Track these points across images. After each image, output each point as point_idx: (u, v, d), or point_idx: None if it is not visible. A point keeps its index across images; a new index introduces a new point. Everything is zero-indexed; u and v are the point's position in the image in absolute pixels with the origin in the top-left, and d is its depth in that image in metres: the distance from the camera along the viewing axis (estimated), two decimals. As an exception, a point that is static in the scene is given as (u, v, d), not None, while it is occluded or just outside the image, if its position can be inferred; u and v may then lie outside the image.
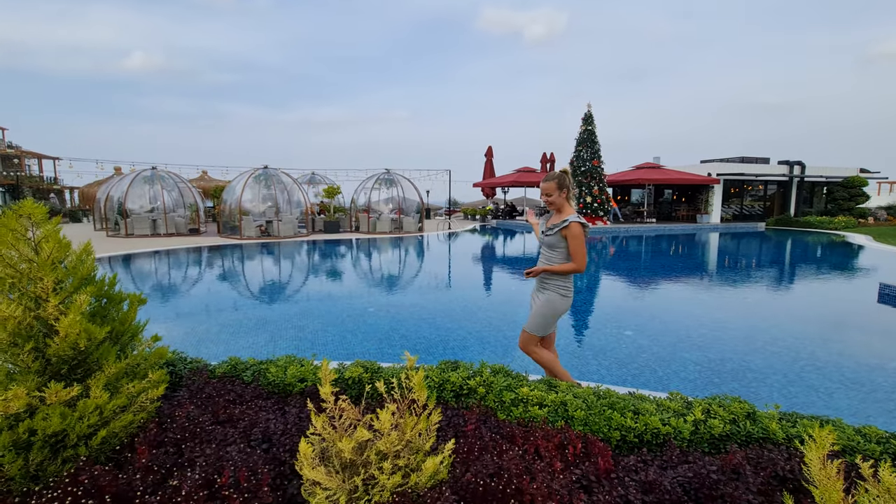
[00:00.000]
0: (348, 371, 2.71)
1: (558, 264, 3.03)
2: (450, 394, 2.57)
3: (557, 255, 3.06)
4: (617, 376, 4.53)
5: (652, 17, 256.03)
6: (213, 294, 8.54)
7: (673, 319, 6.77)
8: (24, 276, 1.93)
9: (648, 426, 2.19)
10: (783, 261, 13.88)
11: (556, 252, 3.06)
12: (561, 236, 3.00)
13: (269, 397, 2.63)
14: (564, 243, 3.01)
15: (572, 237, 2.97)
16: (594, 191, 22.11)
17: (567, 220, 2.98)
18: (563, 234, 2.99)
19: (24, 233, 1.93)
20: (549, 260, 3.09)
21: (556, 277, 3.07)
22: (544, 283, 3.12)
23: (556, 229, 3.02)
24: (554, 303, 3.06)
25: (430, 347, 5.30)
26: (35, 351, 1.92)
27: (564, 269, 3.00)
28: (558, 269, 3.01)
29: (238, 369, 2.91)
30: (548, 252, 3.11)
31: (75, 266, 2.04)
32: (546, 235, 3.10)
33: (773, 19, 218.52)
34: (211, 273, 11.22)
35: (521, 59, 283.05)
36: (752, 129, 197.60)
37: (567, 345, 5.40)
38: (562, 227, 2.99)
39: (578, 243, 2.96)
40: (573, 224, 2.97)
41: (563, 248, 3.03)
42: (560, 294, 3.05)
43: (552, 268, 3.03)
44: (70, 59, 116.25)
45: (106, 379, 2.03)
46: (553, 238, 3.04)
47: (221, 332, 5.83)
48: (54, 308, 1.91)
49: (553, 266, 3.03)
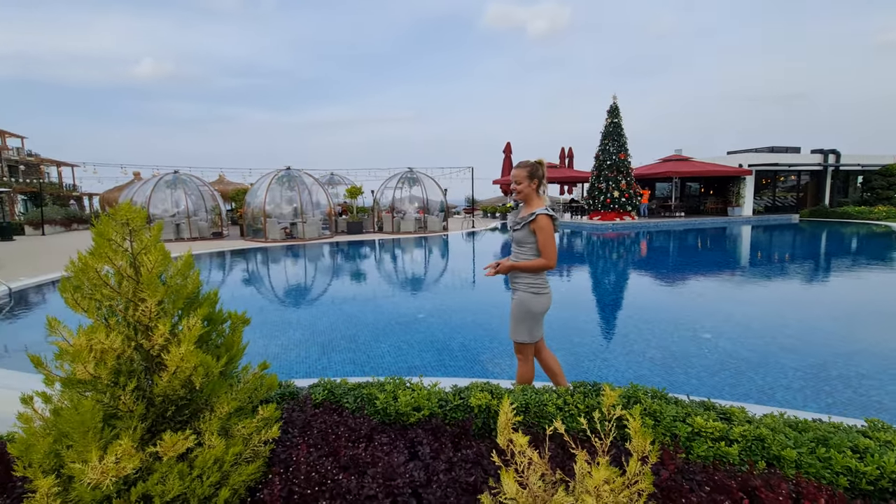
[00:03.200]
0: (474, 397, 2.29)
1: (526, 261, 2.82)
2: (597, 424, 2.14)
3: (527, 251, 2.85)
4: (711, 386, 4.11)
5: (658, 9, 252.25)
6: (253, 302, 8.20)
7: (751, 320, 6.27)
8: (122, 296, 1.54)
9: (885, 469, 1.74)
10: (840, 253, 13.21)
11: (525, 248, 2.85)
12: (529, 230, 2.80)
13: (383, 431, 2.22)
14: (533, 238, 2.81)
15: (540, 230, 2.76)
16: (621, 185, 21.47)
17: (535, 212, 2.78)
18: (532, 229, 2.79)
19: (121, 243, 1.54)
20: (517, 256, 2.88)
21: (526, 276, 2.85)
22: (514, 283, 2.90)
23: (523, 223, 2.82)
24: (527, 303, 2.83)
25: (496, 358, 4.88)
26: (137, 390, 1.54)
27: (532, 265, 2.78)
28: (525, 266, 2.79)
29: (336, 394, 2.51)
30: (517, 248, 2.90)
31: (180, 283, 1.64)
32: (514, 230, 2.90)
33: (775, 9, 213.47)
34: (244, 279, 10.92)
35: (527, 55, 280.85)
36: (767, 120, 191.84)
37: (644, 351, 4.96)
38: (529, 221, 2.79)
39: (547, 236, 2.77)
40: (540, 217, 2.76)
41: (533, 244, 2.82)
42: (532, 293, 2.84)
43: (519, 264, 2.80)
44: (82, 68, 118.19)
45: (220, 422, 1.64)
46: (521, 233, 2.84)
47: (269, 345, 5.46)
48: (161, 337, 1.52)
49: (519, 263, 2.81)
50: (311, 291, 8.93)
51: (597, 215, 22.13)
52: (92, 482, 1.27)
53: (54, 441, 1.41)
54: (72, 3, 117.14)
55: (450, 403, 2.35)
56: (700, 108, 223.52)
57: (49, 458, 1.40)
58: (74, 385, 1.44)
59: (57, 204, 30.25)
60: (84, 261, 1.45)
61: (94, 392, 1.47)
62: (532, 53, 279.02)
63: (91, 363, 1.40)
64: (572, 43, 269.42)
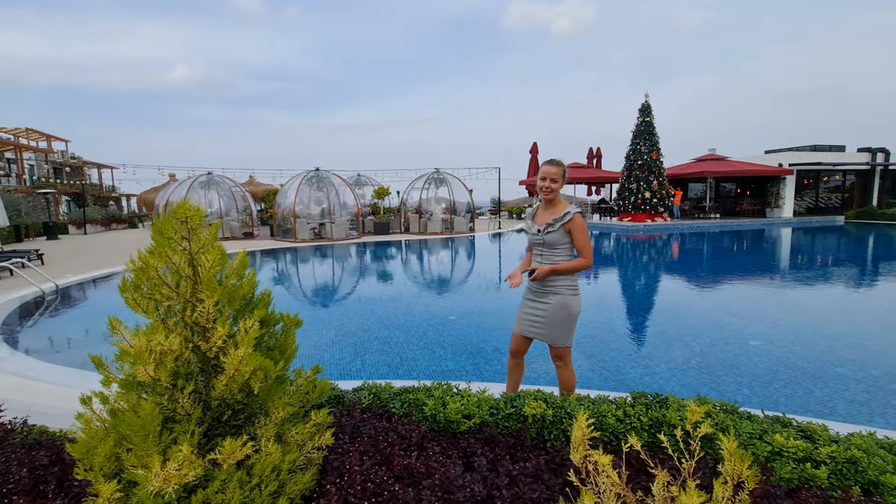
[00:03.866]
0: (528, 406, 2.18)
1: (565, 262, 2.73)
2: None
3: (561, 253, 2.76)
4: (765, 398, 3.92)
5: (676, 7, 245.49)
6: (286, 301, 8.29)
7: (802, 327, 5.93)
8: (180, 297, 1.50)
9: None
10: (893, 257, 12.46)
11: (560, 249, 2.76)
12: (564, 231, 2.72)
13: (434, 439, 2.14)
14: (568, 238, 2.74)
15: (577, 230, 2.70)
16: (653, 185, 20.89)
17: (569, 211, 2.71)
18: (567, 229, 2.71)
19: (180, 241, 1.50)
20: (550, 259, 2.79)
21: (565, 277, 2.78)
22: (551, 286, 2.79)
23: (558, 224, 2.72)
24: (570, 304, 2.77)
25: (532, 362, 4.73)
26: (195, 393, 1.49)
27: (574, 266, 2.72)
28: (570, 268, 2.71)
29: (382, 398, 2.44)
30: (548, 251, 2.79)
31: (236, 284, 1.60)
32: (546, 234, 2.77)
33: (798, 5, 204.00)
34: (276, 278, 11.08)
35: (552, 54, 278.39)
36: (800, 118, 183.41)
37: (688, 358, 4.75)
38: (565, 221, 2.70)
39: (584, 236, 2.72)
40: (577, 216, 2.71)
41: (568, 244, 2.75)
42: (572, 293, 2.79)
43: (559, 267, 2.71)
44: (119, 74, 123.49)
45: (275, 427, 1.59)
46: (556, 235, 2.74)
47: (303, 346, 5.47)
48: (220, 339, 1.47)
49: (560, 266, 2.72)
50: (342, 292, 8.97)
51: (627, 216, 21.59)
52: (155, 489, 1.22)
53: (114, 444, 1.38)
54: (109, 13, 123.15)
55: (501, 412, 2.24)
56: (727, 106, 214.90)
57: (109, 462, 1.37)
58: (134, 387, 1.41)
59: (97, 204, 31.59)
60: (145, 260, 1.42)
61: (153, 394, 1.44)
62: (557, 53, 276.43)
63: (151, 365, 1.36)
64: (598, 41, 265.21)
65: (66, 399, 3.64)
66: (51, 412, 3.21)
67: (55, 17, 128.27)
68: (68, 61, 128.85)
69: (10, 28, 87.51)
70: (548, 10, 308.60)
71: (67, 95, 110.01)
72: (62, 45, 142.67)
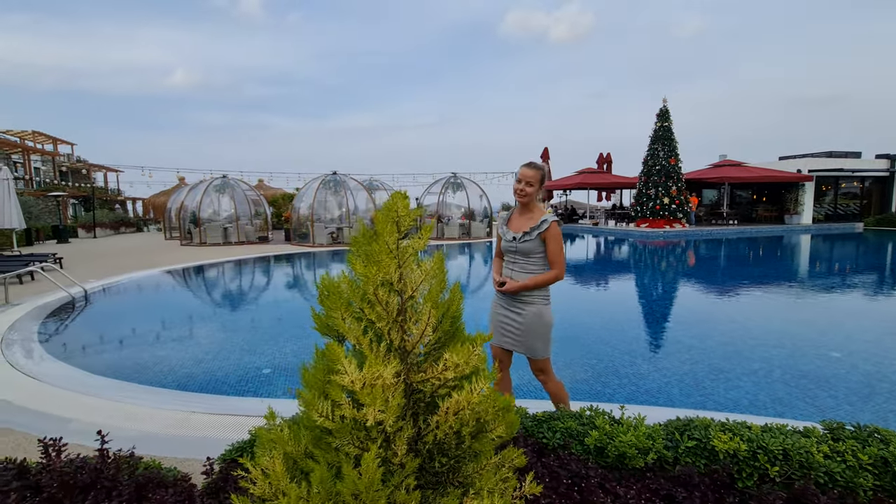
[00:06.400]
0: (717, 440, 1.87)
1: (539, 274, 2.64)
2: (797, 473, 1.70)
3: (535, 262, 2.66)
4: (871, 412, 3.67)
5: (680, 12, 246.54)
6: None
7: (881, 336, 5.65)
8: (389, 317, 1.21)
9: None
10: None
11: (534, 258, 2.66)
12: (540, 240, 2.62)
13: (614, 479, 1.83)
14: (543, 247, 2.64)
15: (552, 239, 2.61)
16: (672, 191, 20.65)
17: (545, 219, 2.61)
18: (543, 237, 2.62)
19: (393, 247, 1.21)
20: (524, 268, 2.69)
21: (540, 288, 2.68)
22: (526, 297, 2.68)
23: (535, 233, 2.62)
24: (545, 315, 2.69)
25: (601, 377, 4.44)
26: (409, 439, 1.20)
27: (546, 280, 2.62)
28: (541, 283, 2.62)
29: (526, 426, 2.14)
30: (522, 259, 2.69)
31: (445, 299, 1.30)
32: (521, 242, 2.66)
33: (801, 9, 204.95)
34: (303, 284, 10.78)
35: (551, 61, 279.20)
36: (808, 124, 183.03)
37: (769, 371, 4.50)
38: (542, 231, 2.60)
39: (558, 246, 2.63)
40: (553, 224, 2.61)
41: (542, 254, 2.66)
42: (546, 303, 2.71)
43: (534, 282, 2.61)
44: (123, 78, 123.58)
45: (491, 475, 1.29)
46: (531, 243, 2.64)
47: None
48: (441, 370, 1.18)
49: (529, 281, 2.62)
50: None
51: (644, 222, 21.32)
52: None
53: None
54: (113, 18, 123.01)
55: (680, 444, 1.94)
56: (735, 111, 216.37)
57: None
58: (350, 432, 1.11)
59: (104, 208, 31.30)
60: (364, 272, 1.12)
61: (367, 440, 1.14)
62: (563, 58, 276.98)
63: (379, 403, 1.07)
64: (612, 46, 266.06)
65: (104, 412, 3.30)
66: (146, 438, 2.88)
67: (60, 22, 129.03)
68: (72, 66, 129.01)
69: (14, 33, 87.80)
70: (554, 16, 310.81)
71: (72, 99, 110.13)
72: (67, 49, 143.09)
